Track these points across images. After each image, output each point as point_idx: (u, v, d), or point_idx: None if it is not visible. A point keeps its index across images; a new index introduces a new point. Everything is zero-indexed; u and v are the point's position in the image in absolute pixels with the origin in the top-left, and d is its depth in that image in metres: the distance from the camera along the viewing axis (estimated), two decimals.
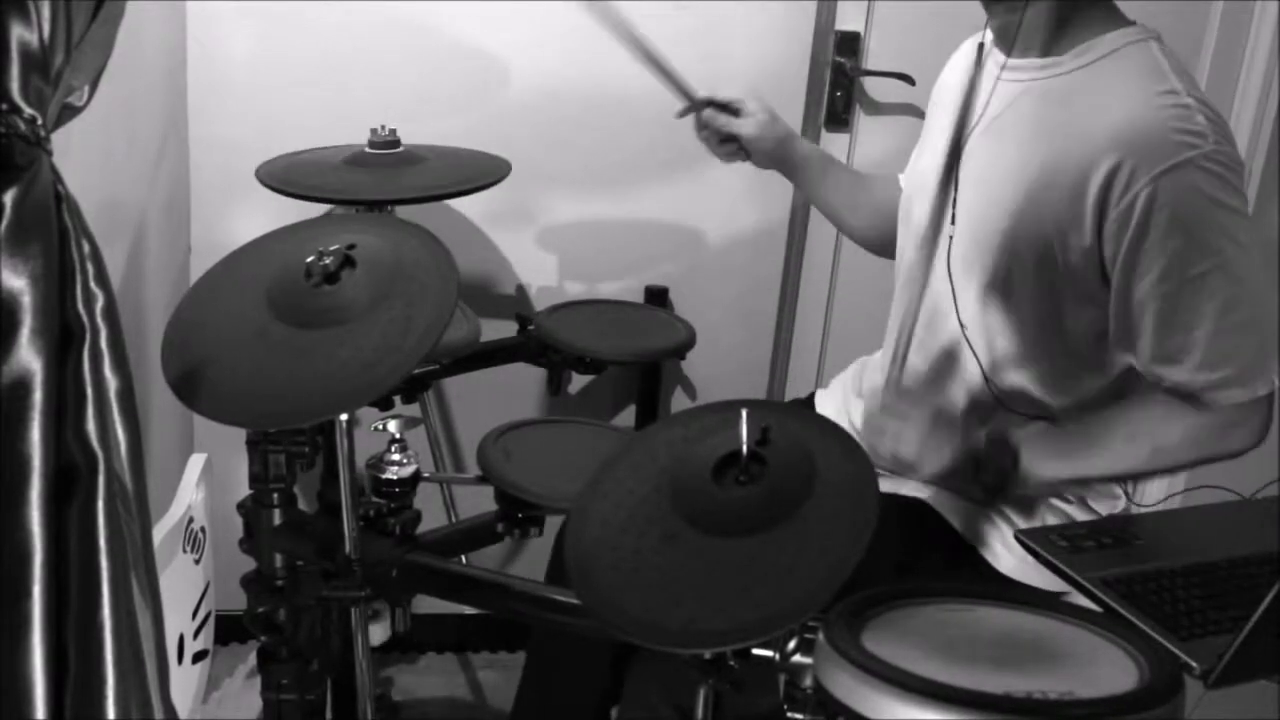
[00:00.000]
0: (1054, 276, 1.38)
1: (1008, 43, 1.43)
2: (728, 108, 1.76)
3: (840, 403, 1.72)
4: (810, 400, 1.80)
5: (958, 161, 1.45)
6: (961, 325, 1.46)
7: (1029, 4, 1.37)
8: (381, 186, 1.76)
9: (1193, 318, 1.31)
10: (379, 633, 1.79)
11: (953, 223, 1.45)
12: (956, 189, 1.45)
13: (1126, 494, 1.54)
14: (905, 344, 1.55)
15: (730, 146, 1.78)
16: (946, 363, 1.50)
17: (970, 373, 1.48)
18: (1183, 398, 1.35)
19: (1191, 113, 1.30)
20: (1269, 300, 1.36)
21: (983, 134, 1.44)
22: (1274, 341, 1.35)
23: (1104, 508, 1.52)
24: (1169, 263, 1.30)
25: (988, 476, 1.40)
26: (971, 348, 1.46)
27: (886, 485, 1.52)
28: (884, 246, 1.73)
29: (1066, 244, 1.35)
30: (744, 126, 1.75)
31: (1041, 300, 1.40)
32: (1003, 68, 1.43)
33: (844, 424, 1.59)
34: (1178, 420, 1.36)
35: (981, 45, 1.48)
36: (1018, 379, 1.45)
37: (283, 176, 1.77)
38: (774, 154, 1.77)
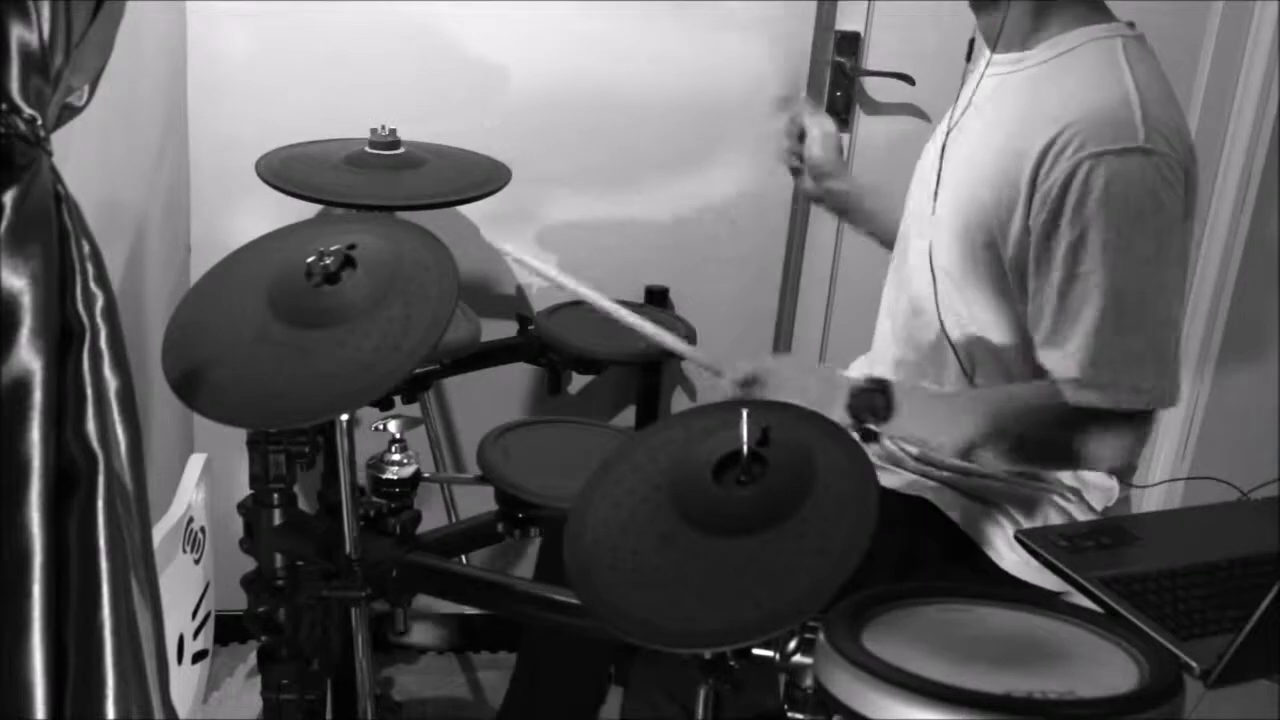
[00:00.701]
0: (1001, 262, 1.39)
1: (991, 40, 1.45)
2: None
3: None
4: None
5: (943, 155, 1.48)
6: (940, 312, 1.47)
7: (1008, 3, 1.39)
8: (381, 190, 1.76)
9: (1077, 310, 1.31)
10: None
11: (934, 212, 1.47)
12: (939, 181, 1.47)
13: (1121, 477, 1.54)
14: (895, 335, 1.56)
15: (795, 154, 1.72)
16: (931, 353, 1.51)
17: (950, 363, 1.49)
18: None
19: (1130, 110, 1.29)
20: (1162, 323, 1.33)
21: (960, 127, 1.48)
22: (1159, 366, 1.33)
23: (1099, 498, 1.51)
24: (1070, 245, 1.30)
25: (856, 418, 1.38)
26: (947, 334, 1.47)
27: (888, 480, 1.53)
28: None
29: (1006, 231, 1.37)
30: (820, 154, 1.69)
31: (995, 285, 1.41)
32: (987, 64, 1.46)
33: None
34: (1052, 415, 1.35)
35: (971, 41, 1.50)
36: (990, 360, 1.46)
37: (283, 172, 1.76)
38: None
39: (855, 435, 1.32)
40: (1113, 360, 1.31)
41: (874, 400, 1.36)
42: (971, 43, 1.51)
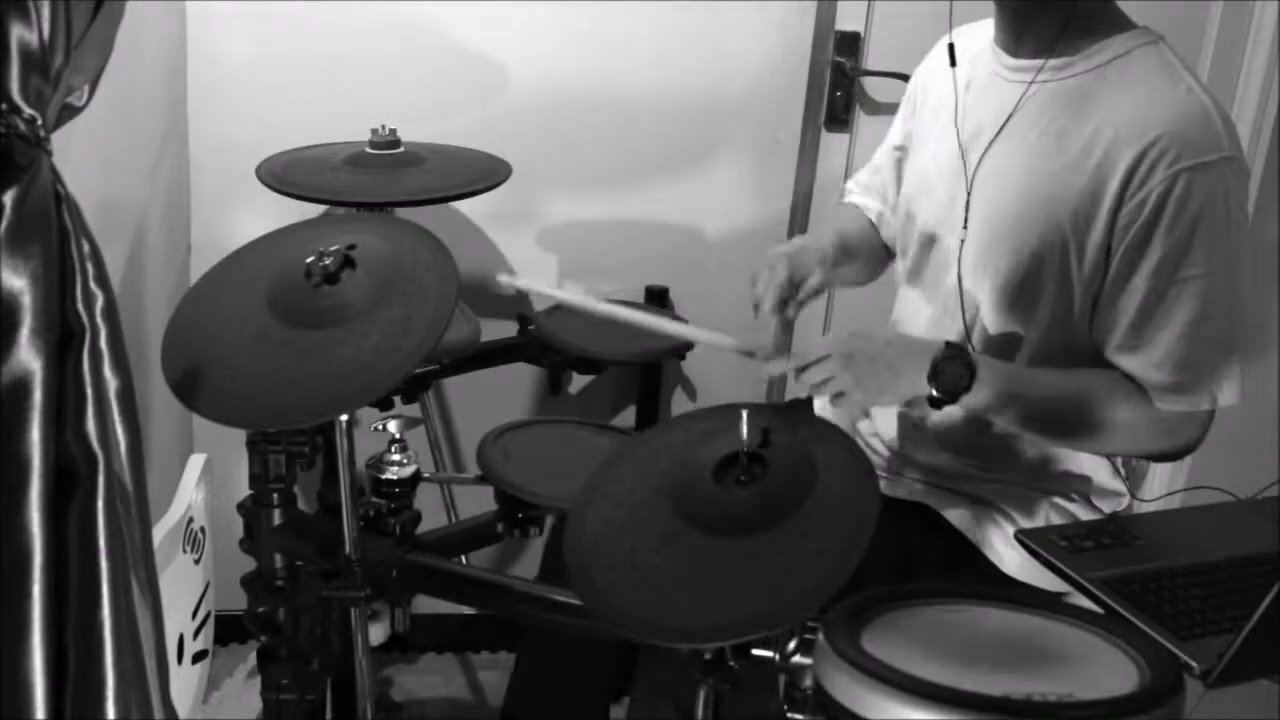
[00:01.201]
0: (1069, 275, 1.38)
1: (1015, 43, 1.43)
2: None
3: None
4: (809, 401, 1.80)
5: (964, 164, 1.45)
6: (966, 327, 1.45)
7: (1048, 5, 1.37)
8: (381, 188, 1.76)
9: (1167, 317, 1.33)
10: (379, 633, 1.79)
11: (965, 225, 1.44)
12: (969, 191, 1.44)
13: (1130, 491, 1.54)
14: None
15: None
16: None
17: None
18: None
19: (1211, 114, 1.32)
20: (1241, 320, 1.37)
21: (987, 136, 1.43)
22: (1230, 362, 1.37)
23: (1108, 505, 1.51)
24: (1165, 256, 1.31)
25: (938, 384, 1.32)
26: (973, 347, 1.46)
27: (890, 487, 1.53)
28: (873, 274, 1.72)
29: (1083, 242, 1.36)
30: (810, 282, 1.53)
31: (1057, 299, 1.40)
32: (1013, 70, 1.43)
33: (845, 423, 1.59)
34: (1127, 407, 1.36)
35: (951, 45, 1.48)
36: None
37: (283, 176, 1.76)
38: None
39: (926, 403, 1.31)
40: (1199, 364, 1.34)
41: (958, 373, 1.31)
42: (952, 47, 1.48)
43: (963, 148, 1.45)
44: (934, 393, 1.31)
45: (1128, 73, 1.36)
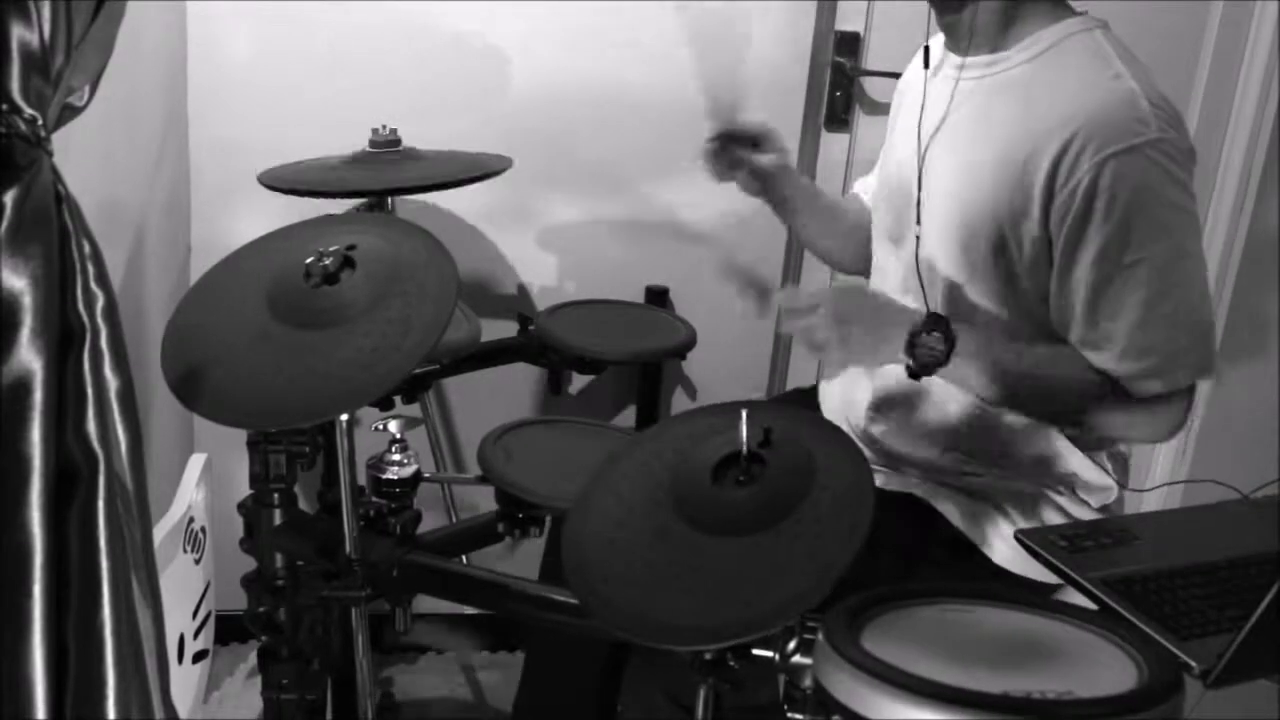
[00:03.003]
0: (1011, 269, 1.39)
1: (958, 43, 1.45)
2: (751, 140, 1.71)
3: (839, 398, 1.72)
4: (813, 390, 1.80)
5: (920, 164, 1.47)
6: None
7: (975, 3, 1.39)
8: (381, 178, 1.76)
9: (1118, 306, 1.33)
10: None
11: (918, 223, 1.46)
12: (920, 190, 1.46)
13: (1119, 483, 1.54)
14: None
15: (732, 170, 1.73)
16: None
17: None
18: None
19: (1136, 98, 1.31)
20: (1199, 295, 1.37)
21: (940, 134, 1.46)
22: (1201, 338, 1.37)
23: (1097, 499, 1.51)
24: (1103, 247, 1.31)
25: (915, 354, 1.34)
26: None
27: (885, 483, 1.53)
28: (860, 266, 1.74)
29: (1020, 234, 1.37)
30: (766, 162, 1.70)
31: (1004, 290, 1.41)
32: (958, 68, 1.45)
33: (843, 419, 1.59)
34: (1106, 389, 1.38)
35: (926, 48, 1.50)
36: None
37: (284, 177, 1.76)
38: (771, 188, 1.73)
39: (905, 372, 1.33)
40: (1162, 346, 1.34)
41: (933, 348, 1.32)
42: (927, 50, 1.49)
43: (920, 146, 1.47)
44: (910, 363, 1.32)
45: (1059, 63, 1.37)
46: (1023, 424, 1.46)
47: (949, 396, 1.48)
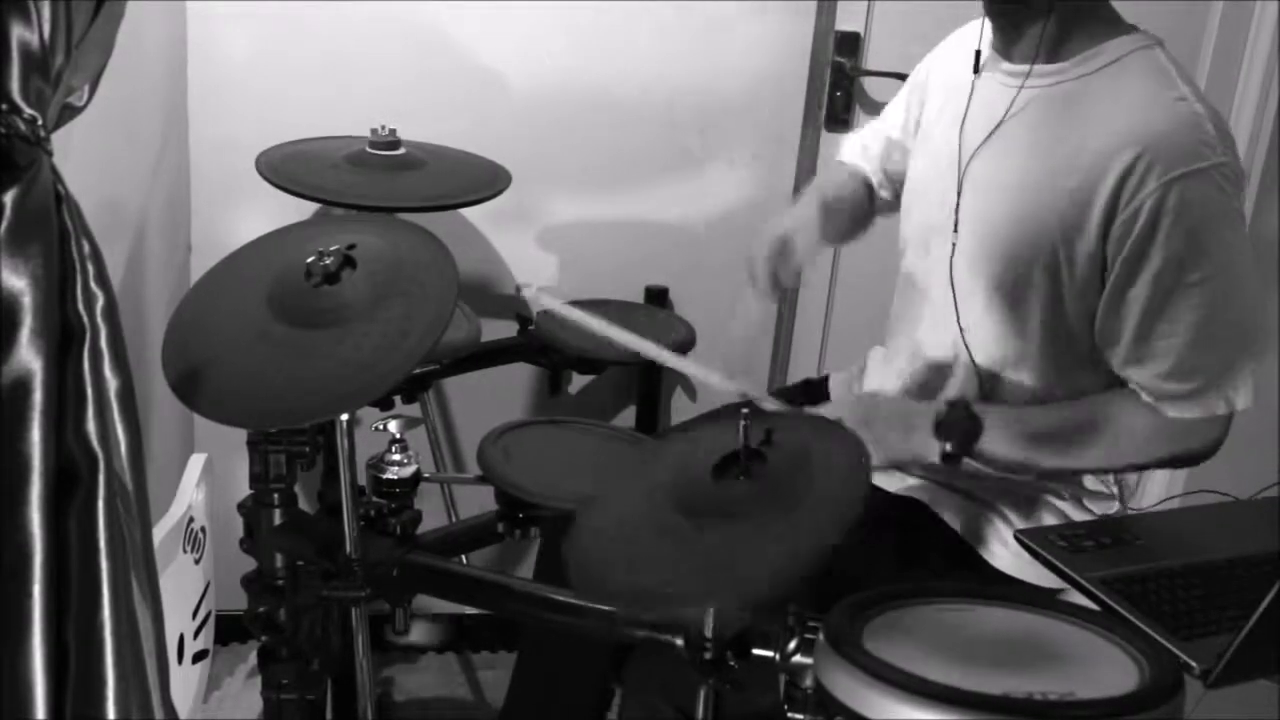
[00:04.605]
0: (1059, 282, 1.38)
1: (1011, 48, 1.43)
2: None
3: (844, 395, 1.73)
4: (821, 383, 1.80)
5: (959, 168, 1.45)
6: (961, 330, 1.46)
7: (1034, 11, 1.36)
8: (381, 192, 1.76)
9: (1174, 325, 1.33)
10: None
11: (955, 229, 1.44)
12: (959, 195, 1.44)
13: (1120, 498, 1.54)
14: (905, 346, 1.55)
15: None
16: (943, 366, 1.50)
17: (967, 376, 1.48)
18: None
19: (1203, 120, 1.31)
20: (1248, 321, 1.37)
21: (990, 143, 1.43)
22: (1241, 363, 1.36)
23: (1098, 507, 1.51)
24: (1165, 265, 1.31)
25: (947, 440, 1.37)
26: (970, 351, 1.46)
27: (887, 483, 1.53)
28: (863, 227, 1.74)
29: (1073, 249, 1.35)
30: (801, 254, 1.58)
31: (1047, 305, 1.40)
32: (1011, 75, 1.43)
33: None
34: (1140, 420, 1.37)
35: (978, 52, 1.47)
36: (1016, 378, 1.45)
37: (282, 170, 1.76)
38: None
39: (938, 460, 1.36)
40: (1210, 369, 1.34)
41: (963, 422, 1.36)
42: (978, 54, 1.47)
43: (960, 151, 1.45)
44: (947, 448, 1.35)
45: (1120, 79, 1.35)
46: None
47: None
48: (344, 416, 1.32)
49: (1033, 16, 1.37)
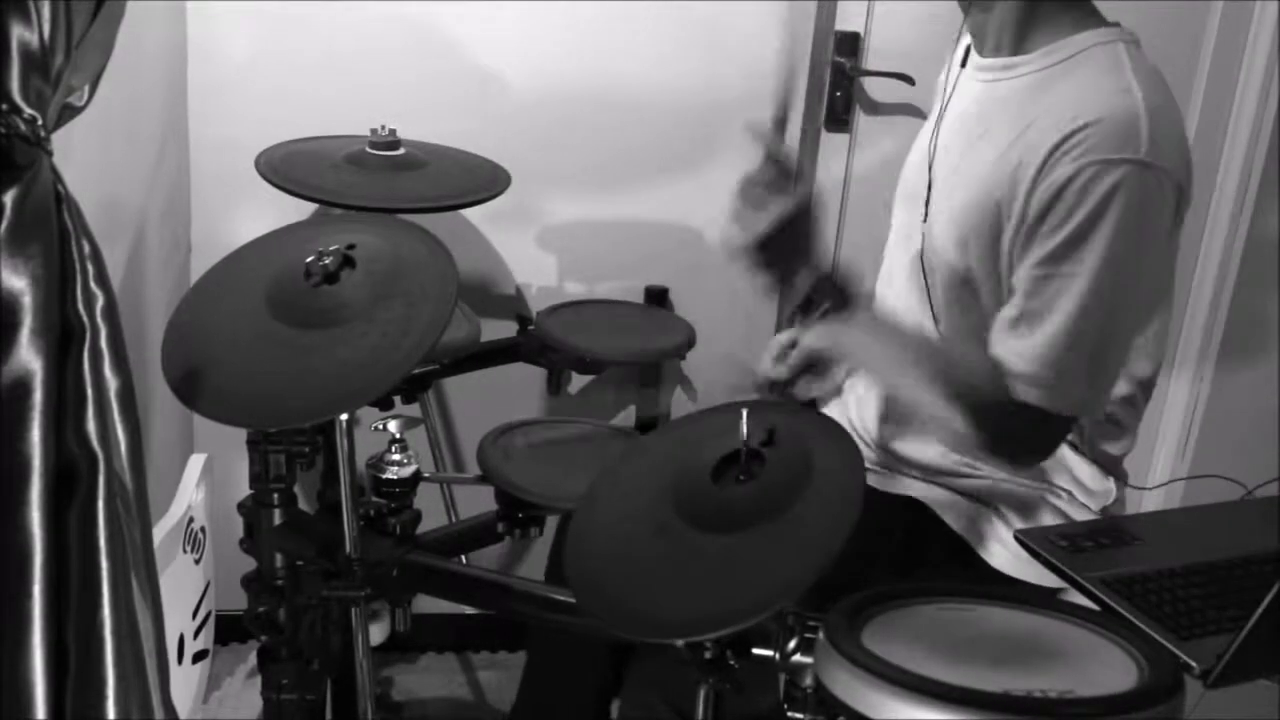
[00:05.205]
0: (998, 266, 1.38)
1: (981, 44, 1.44)
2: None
3: (850, 396, 1.73)
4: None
5: (931, 161, 1.47)
6: (936, 320, 1.47)
7: (995, 5, 1.38)
8: (381, 193, 1.76)
9: (1047, 309, 1.29)
10: (378, 633, 1.79)
11: (924, 220, 1.46)
12: (930, 188, 1.46)
13: (1120, 478, 1.53)
14: None
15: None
16: None
17: None
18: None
19: (1138, 118, 1.28)
20: (1121, 338, 1.33)
21: (952, 133, 1.46)
22: (1097, 376, 1.32)
23: (1096, 502, 1.51)
24: (1055, 247, 1.28)
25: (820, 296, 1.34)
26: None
27: (884, 484, 1.53)
28: None
29: (1003, 232, 1.35)
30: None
31: (994, 292, 1.40)
32: (978, 69, 1.45)
33: (850, 420, 1.60)
34: (986, 386, 1.32)
35: (968, 48, 1.49)
36: None
37: (282, 169, 1.76)
38: None
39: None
40: (1065, 366, 1.29)
41: (833, 292, 1.31)
42: (968, 50, 1.49)
43: (933, 146, 1.48)
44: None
45: (1076, 71, 1.35)
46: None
47: None
48: (344, 416, 1.32)
49: (997, 12, 1.39)
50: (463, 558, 1.65)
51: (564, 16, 2.11)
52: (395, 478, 1.41)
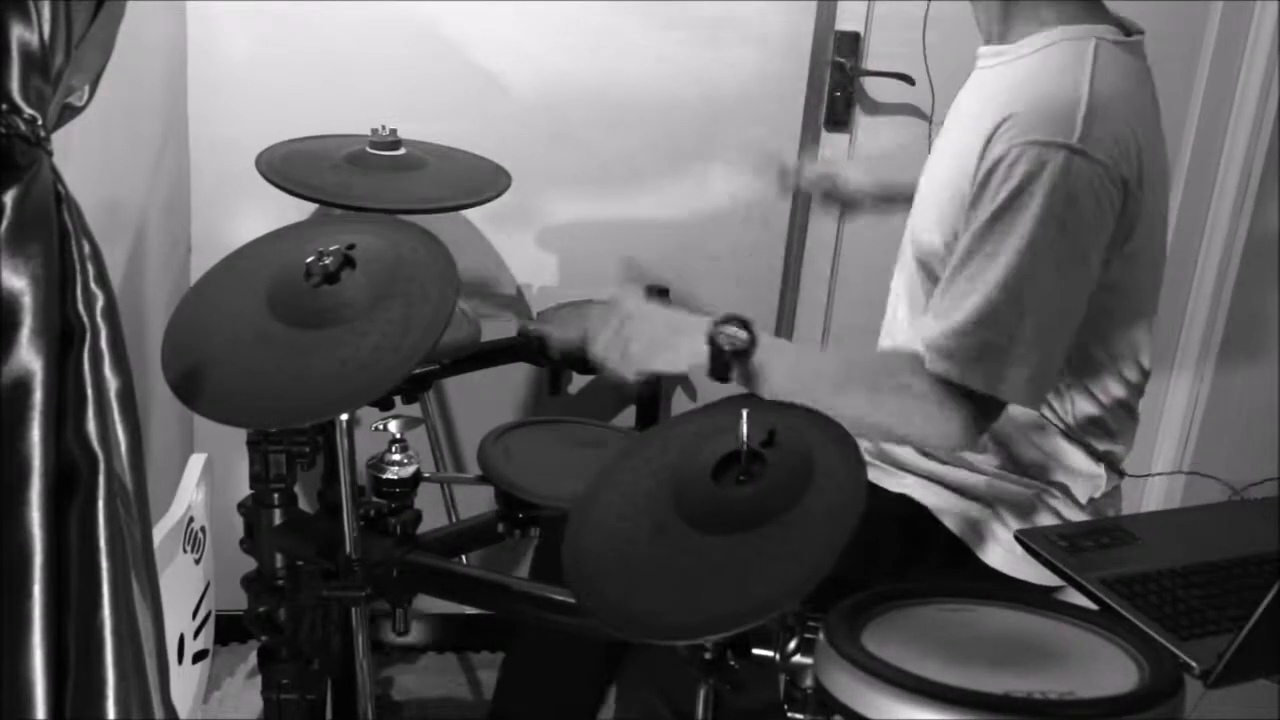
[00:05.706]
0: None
1: (981, 31, 1.46)
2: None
3: None
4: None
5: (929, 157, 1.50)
6: (927, 305, 1.47)
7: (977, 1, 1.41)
8: (382, 194, 1.76)
9: (970, 286, 1.28)
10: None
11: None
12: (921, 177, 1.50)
13: (1116, 468, 1.53)
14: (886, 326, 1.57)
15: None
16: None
17: None
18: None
19: (1077, 106, 1.27)
20: (1045, 325, 1.28)
21: (951, 118, 1.48)
22: (1016, 360, 1.27)
23: (1084, 490, 1.50)
24: (982, 227, 1.27)
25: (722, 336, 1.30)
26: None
27: (884, 481, 1.53)
28: None
29: (959, 218, 1.35)
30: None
31: None
32: (977, 56, 1.46)
33: None
34: (901, 375, 1.31)
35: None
36: None
37: (282, 169, 1.76)
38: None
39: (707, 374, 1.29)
40: (978, 340, 1.27)
41: (735, 334, 1.28)
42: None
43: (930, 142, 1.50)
44: (719, 346, 1.27)
45: (1041, 62, 1.36)
46: (1022, 422, 1.45)
47: None
48: (344, 416, 1.32)
49: (983, 3, 1.41)
50: (463, 558, 1.65)
51: (564, 17, 2.11)
52: (395, 478, 1.41)
